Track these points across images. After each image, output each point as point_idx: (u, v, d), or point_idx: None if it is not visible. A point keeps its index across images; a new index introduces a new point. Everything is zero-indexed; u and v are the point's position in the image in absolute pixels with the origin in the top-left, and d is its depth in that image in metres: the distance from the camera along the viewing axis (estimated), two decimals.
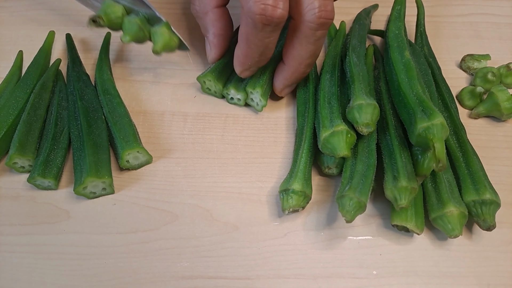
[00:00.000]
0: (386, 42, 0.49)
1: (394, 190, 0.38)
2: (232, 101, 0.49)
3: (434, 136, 0.37)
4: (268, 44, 0.41)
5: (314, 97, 0.47)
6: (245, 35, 0.41)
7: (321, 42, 0.42)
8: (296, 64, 0.44)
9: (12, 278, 0.38)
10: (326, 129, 0.40)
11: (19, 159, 0.42)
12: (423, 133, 0.37)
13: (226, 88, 0.48)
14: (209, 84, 0.49)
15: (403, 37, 0.48)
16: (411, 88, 0.42)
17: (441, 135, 0.37)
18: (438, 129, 0.37)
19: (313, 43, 0.41)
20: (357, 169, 0.40)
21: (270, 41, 0.41)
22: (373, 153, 0.41)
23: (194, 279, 0.38)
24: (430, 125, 0.37)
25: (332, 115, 0.42)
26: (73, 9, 0.58)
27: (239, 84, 0.48)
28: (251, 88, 0.47)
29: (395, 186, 0.37)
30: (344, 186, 0.39)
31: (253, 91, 0.47)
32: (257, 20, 0.38)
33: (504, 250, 0.40)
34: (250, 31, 0.40)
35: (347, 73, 0.46)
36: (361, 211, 0.37)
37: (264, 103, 0.47)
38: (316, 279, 0.38)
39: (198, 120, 0.48)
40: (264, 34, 0.40)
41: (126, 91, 0.50)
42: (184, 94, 0.50)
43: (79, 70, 0.50)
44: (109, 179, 0.41)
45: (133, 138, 0.43)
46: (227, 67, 0.48)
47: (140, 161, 0.44)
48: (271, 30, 0.39)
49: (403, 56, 0.45)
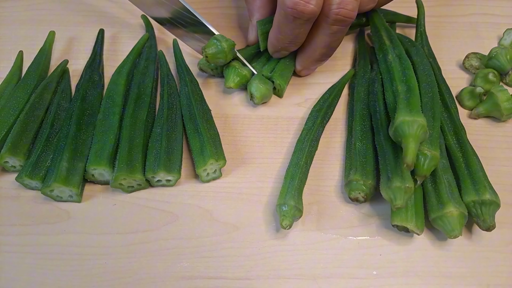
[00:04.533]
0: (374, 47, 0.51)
1: (388, 190, 0.38)
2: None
3: (404, 134, 0.37)
4: (298, 35, 0.43)
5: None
6: (278, 23, 0.43)
7: (337, 36, 0.43)
8: (310, 50, 0.46)
9: (12, 278, 0.38)
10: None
11: (10, 158, 0.42)
12: (396, 129, 0.38)
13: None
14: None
15: (385, 42, 0.49)
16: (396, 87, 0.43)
17: (411, 133, 0.37)
18: (410, 127, 0.37)
19: (328, 35, 0.43)
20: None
21: (300, 32, 0.43)
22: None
23: (194, 279, 0.38)
24: (401, 123, 0.37)
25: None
26: (73, 9, 0.58)
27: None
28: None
29: (389, 187, 0.38)
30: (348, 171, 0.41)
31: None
32: (288, 13, 0.40)
33: (504, 250, 0.40)
34: (282, 20, 0.42)
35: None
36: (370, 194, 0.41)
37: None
38: (316, 279, 0.38)
39: None
40: (295, 25, 0.41)
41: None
42: None
43: (93, 70, 0.50)
44: (76, 189, 0.40)
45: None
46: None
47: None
48: (301, 23, 0.41)
49: (386, 59, 0.47)
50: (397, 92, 0.42)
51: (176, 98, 0.48)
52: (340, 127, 0.48)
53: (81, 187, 0.42)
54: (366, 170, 0.41)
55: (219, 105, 0.50)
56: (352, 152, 0.44)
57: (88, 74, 0.49)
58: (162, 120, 0.45)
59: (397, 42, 0.48)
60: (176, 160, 0.42)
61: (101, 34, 0.55)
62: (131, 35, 0.56)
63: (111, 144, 0.42)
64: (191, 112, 0.46)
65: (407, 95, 0.41)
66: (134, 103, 0.46)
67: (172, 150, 0.43)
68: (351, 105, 0.49)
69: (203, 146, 0.43)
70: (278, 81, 0.49)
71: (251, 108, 0.50)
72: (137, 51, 0.51)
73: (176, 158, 0.43)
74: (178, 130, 0.45)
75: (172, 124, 0.45)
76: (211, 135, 0.44)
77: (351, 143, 0.45)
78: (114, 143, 0.42)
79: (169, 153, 0.42)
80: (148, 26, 0.55)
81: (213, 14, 0.59)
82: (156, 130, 0.45)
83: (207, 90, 0.51)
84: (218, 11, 0.59)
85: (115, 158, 0.42)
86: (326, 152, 0.46)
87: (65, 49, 0.54)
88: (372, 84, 0.49)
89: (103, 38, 0.55)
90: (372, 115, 0.46)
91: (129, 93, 0.48)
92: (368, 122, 0.46)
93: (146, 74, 0.49)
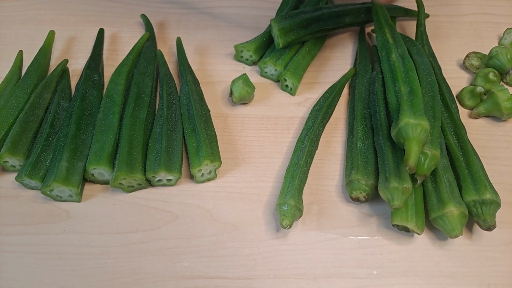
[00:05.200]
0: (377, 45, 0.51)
1: (386, 191, 0.38)
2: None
3: (407, 137, 0.37)
4: None
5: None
6: None
7: None
8: None
9: (12, 278, 0.38)
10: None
11: (10, 158, 0.42)
12: (400, 131, 0.38)
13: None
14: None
15: (389, 41, 0.48)
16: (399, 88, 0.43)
17: (414, 136, 0.37)
18: (414, 130, 0.37)
19: None
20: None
21: None
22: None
23: (194, 279, 0.38)
24: (405, 125, 0.38)
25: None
26: (73, 9, 0.58)
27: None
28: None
29: (387, 187, 0.38)
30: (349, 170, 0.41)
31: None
32: None
33: (504, 250, 0.40)
34: None
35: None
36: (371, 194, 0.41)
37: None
38: (316, 279, 0.38)
39: None
40: None
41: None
42: None
43: (93, 69, 0.50)
44: (76, 189, 0.40)
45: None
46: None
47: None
48: None
49: (389, 58, 0.46)
50: (400, 93, 0.42)
51: (175, 98, 0.48)
52: (340, 127, 0.48)
53: (81, 187, 0.42)
54: (368, 170, 0.41)
55: (219, 105, 0.50)
56: (353, 152, 0.44)
57: (88, 73, 0.49)
58: (162, 120, 0.45)
59: (400, 41, 0.48)
60: (177, 159, 0.42)
61: (101, 34, 0.55)
62: (131, 35, 0.56)
63: (111, 144, 0.42)
64: (189, 111, 0.46)
65: (410, 96, 0.41)
66: (134, 102, 0.46)
67: (173, 149, 0.43)
68: (352, 104, 0.49)
69: (199, 146, 0.43)
70: (291, 79, 0.50)
71: (251, 108, 0.49)
72: (137, 51, 0.51)
73: (177, 157, 0.42)
74: (178, 130, 0.45)
75: (172, 123, 0.45)
76: (208, 136, 0.44)
77: (352, 143, 0.45)
78: (114, 143, 0.42)
79: (170, 153, 0.42)
80: (148, 25, 0.55)
81: (213, 14, 0.59)
82: (156, 129, 0.45)
83: (208, 89, 0.50)
84: (218, 10, 0.59)
85: (115, 157, 0.42)
86: (326, 152, 0.46)
87: (65, 49, 0.54)
88: (372, 84, 0.49)
89: (103, 38, 0.55)
90: (372, 115, 0.46)
91: (129, 92, 0.47)
92: (369, 121, 0.46)
93: (146, 73, 0.49)
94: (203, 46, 0.55)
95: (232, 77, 0.49)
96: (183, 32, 0.56)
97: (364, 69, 0.51)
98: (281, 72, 0.51)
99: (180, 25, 0.57)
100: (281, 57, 0.51)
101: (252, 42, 0.52)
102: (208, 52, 0.55)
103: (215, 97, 0.50)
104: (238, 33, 0.57)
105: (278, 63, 0.51)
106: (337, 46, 0.56)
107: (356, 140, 0.44)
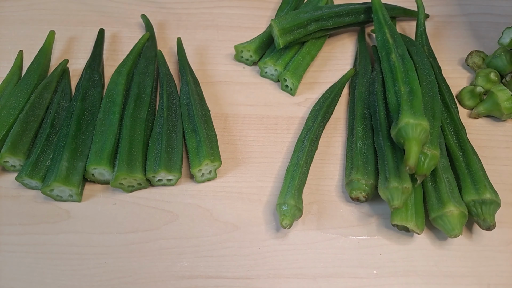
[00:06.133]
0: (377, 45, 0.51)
1: (386, 191, 0.38)
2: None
3: (407, 137, 0.37)
4: None
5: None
6: None
7: None
8: None
9: (12, 278, 0.38)
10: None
11: (10, 158, 0.42)
12: (400, 131, 0.38)
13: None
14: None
15: (389, 42, 0.48)
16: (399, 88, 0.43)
17: (414, 136, 0.37)
18: (414, 130, 0.37)
19: None
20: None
21: None
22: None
23: (194, 279, 0.38)
24: (405, 125, 0.38)
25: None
26: (73, 9, 0.58)
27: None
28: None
29: (386, 187, 0.38)
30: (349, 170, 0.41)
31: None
32: None
33: (504, 250, 0.40)
34: None
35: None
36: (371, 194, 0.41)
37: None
38: (316, 279, 0.38)
39: None
40: None
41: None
42: None
43: (93, 69, 0.50)
44: (76, 188, 0.40)
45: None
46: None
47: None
48: None
49: (389, 58, 0.46)
50: (399, 93, 0.42)
51: (176, 98, 0.48)
52: (340, 127, 0.48)
53: (81, 187, 0.42)
54: (367, 170, 0.41)
55: (219, 105, 0.50)
56: (354, 152, 0.44)
57: (88, 73, 0.49)
58: (162, 120, 0.45)
59: (400, 41, 0.48)
60: (177, 159, 0.42)
61: (101, 34, 0.55)
62: (131, 34, 0.56)
63: (111, 144, 0.42)
64: (190, 111, 0.46)
65: (410, 96, 0.41)
66: (134, 102, 0.46)
67: (173, 149, 0.43)
68: (352, 104, 0.49)
69: (199, 146, 0.43)
70: (291, 79, 0.50)
71: (251, 108, 0.50)
72: (137, 51, 0.51)
73: (177, 157, 0.42)
74: (178, 130, 0.45)
75: (172, 123, 0.45)
76: (208, 136, 0.44)
77: (352, 143, 0.45)
78: (114, 143, 0.42)
79: (170, 153, 0.42)
80: (148, 25, 0.55)
81: (213, 14, 0.59)
82: (156, 129, 0.45)
83: (208, 90, 0.50)
84: (218, 10, 0.59)
85: (115, 157, 0.42)
86: (326, 152, 0.46)
87: (65, 49, 0.54)
88: (372, 84, 0.49)
89: (103, 38, 0.55)
90: (372, 115, 0.46)
91: (129, 92, 0.47)
92: (369, 121, 0.46)
93: (146, 73, 0.49)
94: (203, 46, 0.55)
95: (232, 77, 0.49)
96: (183, 32, 0.56)
97: (364, 69, 0.51)
98: (281, 72, 0.51)
99: (180, 25, 0.58)
100: (281, 57, 0.51)
101: (252, 42, 0.52)
102: (208, 52, 0.55)
103: (215, 97, 0.50)
104: (238, 33, 0.57)
105: (278, 63, 0.51)
106: (337, 46, 0.56)
107: (356, 140, 0.44)
